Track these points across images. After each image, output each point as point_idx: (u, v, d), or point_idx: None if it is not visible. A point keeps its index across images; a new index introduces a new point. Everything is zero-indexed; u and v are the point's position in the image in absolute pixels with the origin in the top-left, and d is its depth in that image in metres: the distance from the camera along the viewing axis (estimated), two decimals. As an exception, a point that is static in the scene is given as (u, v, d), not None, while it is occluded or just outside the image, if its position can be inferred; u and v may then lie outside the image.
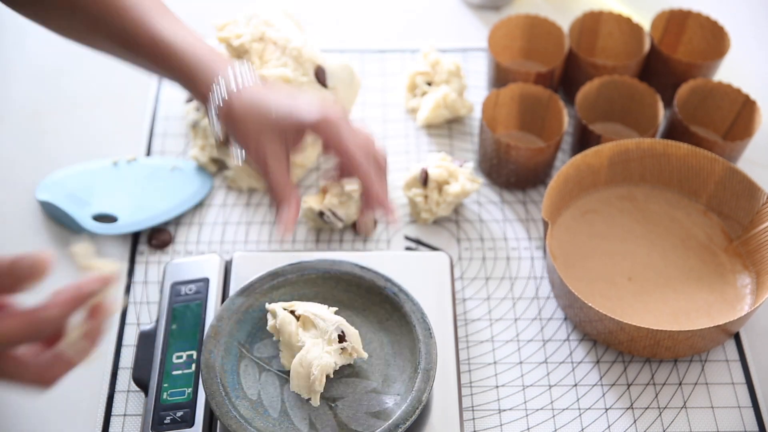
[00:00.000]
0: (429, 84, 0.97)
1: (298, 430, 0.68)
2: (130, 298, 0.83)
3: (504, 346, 0.81)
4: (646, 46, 0.94)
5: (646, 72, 0.96)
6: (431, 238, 0.88)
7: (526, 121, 0.94)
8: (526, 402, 0.77)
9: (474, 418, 0.76)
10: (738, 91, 0.90)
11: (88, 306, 0.54)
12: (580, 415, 0.76)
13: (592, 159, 0.85)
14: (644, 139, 0.85)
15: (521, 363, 0.79)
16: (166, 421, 0.70)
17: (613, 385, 0.78)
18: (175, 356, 0.74)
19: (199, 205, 0.90)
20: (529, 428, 0.75)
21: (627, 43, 0.98)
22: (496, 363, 0.79)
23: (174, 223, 0.89)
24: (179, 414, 0.71)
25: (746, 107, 0.89)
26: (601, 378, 0.78)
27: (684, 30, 0.97)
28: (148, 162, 0.91)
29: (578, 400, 0.77)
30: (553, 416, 0.76)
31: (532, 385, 0.78)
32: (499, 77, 0.95)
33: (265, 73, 0.85)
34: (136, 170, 0.90)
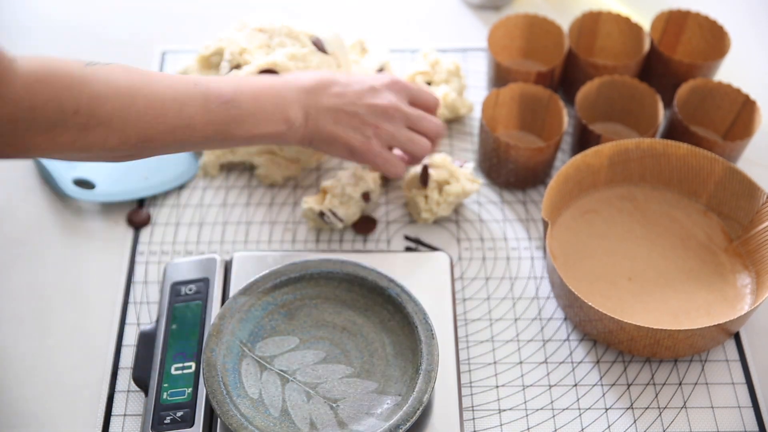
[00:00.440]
0: (429, 84, 0.97)
1: (299, 430, 0.68)
2: (130, 298, 0.83)
3: (504, 346, 0.81)
4: (646, 46, 0.94)
5: (645, 72, 0.96)
6: (431, 238, 0.88)
7: (526, 121, 0.94)
8: (526, 402, 0.77)
9: (474, 418, 0.76)
10: (738, 91, 0.90)
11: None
12: (580, 415, 0.76)
13: (592, 159, 0.85)
14: (644, 139, 0.85)
15: (521, 363, 0.79)
16: (166, 421, 0.70)
17: (613, 385, 0.78)
18: (175, 356, 0.74)
19: (199, 205, 0.90)
20: (529, 428, 0.75)
21: (626, 43, 0.98)
22: (496, 363, 0.79)
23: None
24: (179, 414, 0.71)
25: (746, 107, 0.89)
26: (601, 378, 0.78)
27: (684, 30, 0.97)
28: None
29: (578, 400, 0.77)
30: (553, 416, 0.76)
31: (532, 385, 0.78)
32: (499, 77, 0.95)
33: (271, 59, 0.85)
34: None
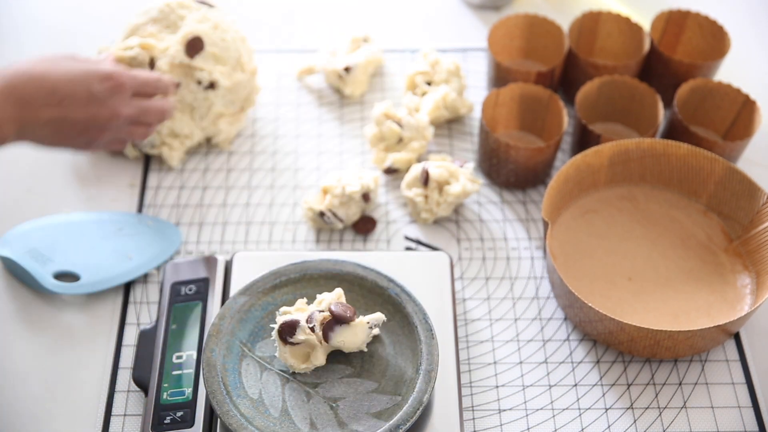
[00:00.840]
0: (429, 84, 0.97)
1: (299, 430, 0.68)
2: (130, 298, 0.83)
3: (504, 346, 0.81)
4: (646, 46, 0.94)
5: (645, 72, 0.96)
6: (431, 238, 0.88)
7: (526, 121, 0.94)
8: (526, 402, 0.77)
9: (474, 418, 0.76)
10: (738, 91, 0.90)
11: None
12: (580, 415, 0.76)
13: (592, 159, 0.85)
14: (644, 139, 0.85)
15: (521, 363, 0.79)
16: (166, 421, 0.70)
17: (613, 385, 0.78)
18: (175, 356, 0.74)
19: (199, 206, 0.90)
20: (529, 428, 0.75)
21: (626, 43, 0.98)
22: (496, 363, 0.79)
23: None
24: (179, 414, 0.71)
25: (746, 107, 0.89)
26: (601, 378, 0.78)
27: (684, 30, 0.97)
28: (115, 217, 0.87)
29: (578, 400, 0.77)
30: (553, 416, 0.76)
31: (532, 385, 0.78)
32: (499, 77, 0.95)
33: (188, 30, 0.88)
34: (102, 225, 0.86)
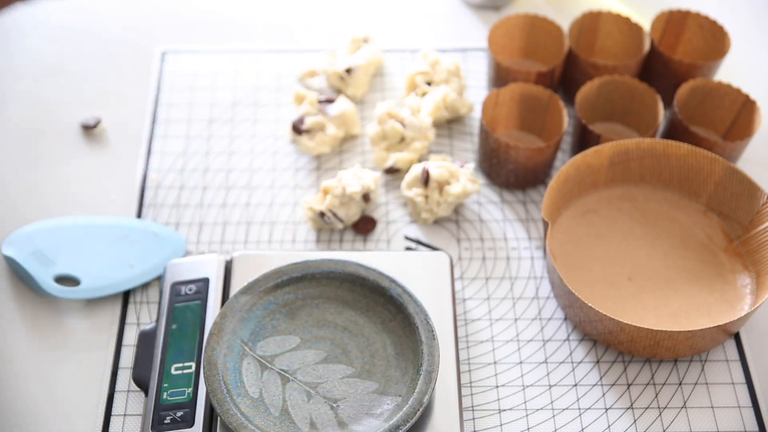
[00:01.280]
0: (429, 84, 0.97)
1: (299, 429, 0.68)
2: (130, 298, 0.83)
3: (504, 346, 0.81)
4: (646, 46, 0.94)
5: (646, 72, 0.96)
6: (431, 238, 0.88)
7: (526, 121, 0.94)
8: (526, 402, 0.77)
9: (474, 418, 0.76)
10: (738, 91, 0.90)
11: None
12: (580, 415, 0.76)
13: (592, 159, 0.85)
14: (644, 139, 0.85)
15: (521, 363, 0.79)
16: (166, 421, 0.70)
17: (613, 385, 0.78)
18: (175, 356, 0.74)
19: (199, 206, 0.90)
20: (529, 428, 0.75)
21: (626, 43, 0.98)
22: (496, 363, 0.79)
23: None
24: (179, 414, 0.71)
25: (746, 107, 0.89)
26: (601, 378, 0.78)
27: (684, 30, 0.97)
28: (121, 222, 0.87)
29: (578, 400, 0.77)
30: (553, 416, 0.76)
31: (532, 385, 0.78)
32: (499, 77, 0.95)
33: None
34: (108, 231, 0.86)
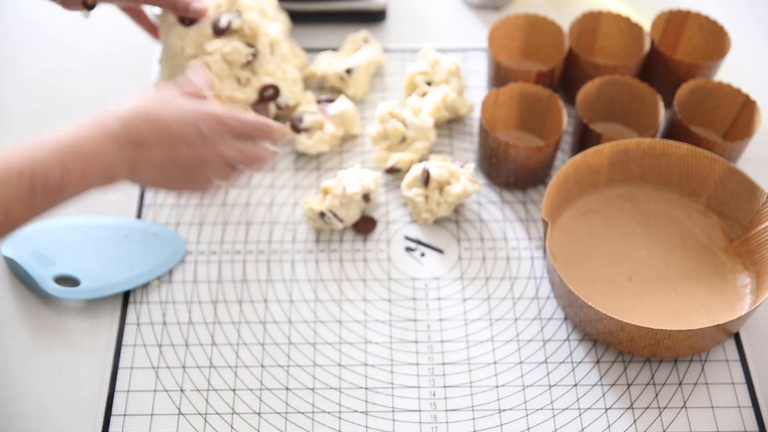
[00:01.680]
0: (429, 84, 0.97)
1: None
2: (130, 298, 0.83)
3: (504, 346, 0.81)
4: (646, 46, 0.94)
5: (646, 72, 0.96)
6: (431, 238, 0.88)
7: (526, 120, 0.94)
8: (526, 402, 0.77)
9: (474, 418, 0.76)
10: (738, 91, 0.90)
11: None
12: (580, 415, 0.76)
13: (592, 159, 0.85)
14: (644, 139, 0.85)
15: (521, 363, 0.79)
16: None
17: (613, 385, 0.78)
18: None
19: (199, 205, 0.90)
20: (529, 428, 0.75)
21: (626, 43, 0.98)
22: (496, 363, 0.79)
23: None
24: None
25: (746, 107, 0.89)
26: (601, 378, 0.78)
27: (684, 30, 0.97)
28: (121, 223, 0.87)
29: (578, 400, 0.77)
30: (553, 416, 0.76)
31: (532, 385, 0.78)
32: (499, 77, 0.95)
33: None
34: (108, 231, 0.86)
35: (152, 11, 1.07)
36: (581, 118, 0.89)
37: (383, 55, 1.02)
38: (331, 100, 0.95)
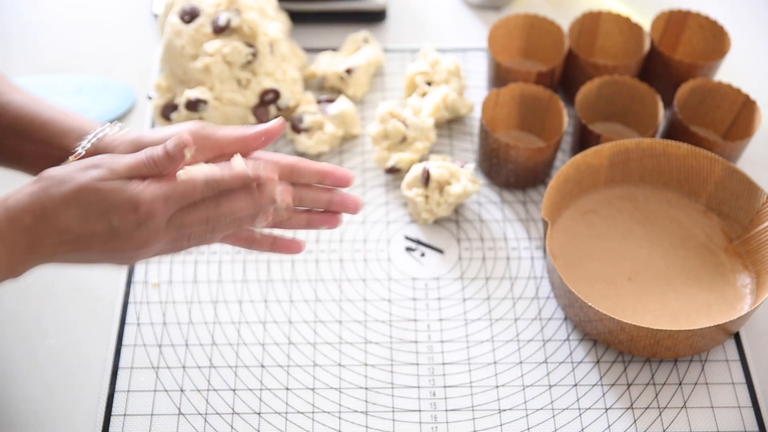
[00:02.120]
0: (429, 84, 0.97)
1: None
2: (130, 298, 0.83)
3: (504, 346, 0.81)
4: (646, 46, 0.94)
5: (646, 72, 0.96)
6: (431, 238, 0.88)
7: (526, 121, 0.94)
8: (526, 402, 0.77)
9: (474, 418, 0.76)
10: (738, 91, 0.90)
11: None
12: (580, 415, 0.76)
13: (592, 159, 0.85)
14: (644, 139, 0.85)
15: (521, 363, 0.79)
16: None
17: (613, 385, 0.78)
18: None
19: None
20: (529, 428, 0.75)
21: (626, 43, 0.98)
22: (496, 363, 0.79)
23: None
24: None
25: (746, 107, 0.89)
26: (601, 378, 0.78)
27: (684, 30, 0.97)
28: (74, 78, 0.99)
29: (578, 400, 0.77)
30: (553, 416, 0.76)
31: (532, 385, 0.78)
32: (499, 77, 0.95)
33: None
34: (63, 85, 0.99)
35: (152, 10, 1.07)
36: (581, 118, 0.89)
37: (383, 55, 1.02)
38: (331, 100, 0.95)
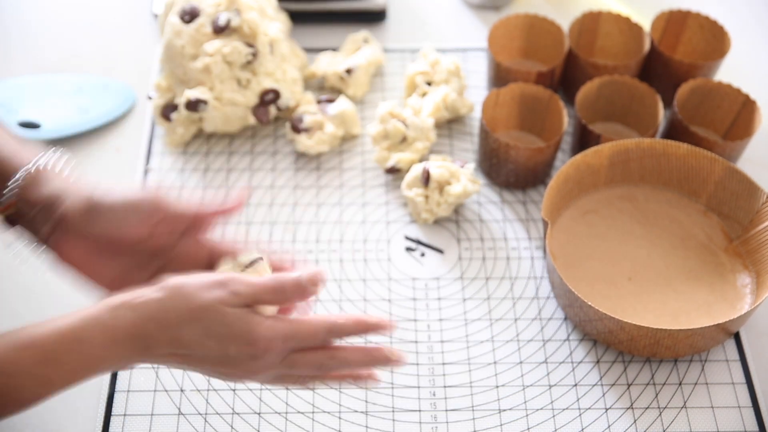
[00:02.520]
0: (429, 84, 0.97)
1: None
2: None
3: (504, 346, 0.81)
4: (646, 46, 0.94)
5: (646, 72, 0.96)
6: (431, 238, 0.88)
7: (526, 121, 0.94)
8: (526, 402, 0.77)
9: (474, 418, 0.76)
10: (738, 91, 0.90)
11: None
12: (580, 415, 0.76)
13: (592, 159, 0.85)
14: (644, 139, 0.85)
15: (521, 363, 0.79)
16: None
17: (613, 385, 0.78)
18: None
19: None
20: (529, 428, 0.75)
21: (626, 43, 0.98)
22: (496, 363, 0.79)
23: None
24: None
25: (746, 107, 0.89)
26: (601, 378, 0.78)
27: (684, 30, 0.97)
28: (74, 78, 1.00)
29: (578, 400, 0.77)
30: (553, 416, 0.76)
31: (532, 385, 0.78)
32: (499, 77, 0.95)
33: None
34: (63, 85, 0.99)
35: (152, 10, 1.07)
36: (581, 118, 0.89)
37: (383, 55, 1.02)
38: (331, 100, 0.95)
